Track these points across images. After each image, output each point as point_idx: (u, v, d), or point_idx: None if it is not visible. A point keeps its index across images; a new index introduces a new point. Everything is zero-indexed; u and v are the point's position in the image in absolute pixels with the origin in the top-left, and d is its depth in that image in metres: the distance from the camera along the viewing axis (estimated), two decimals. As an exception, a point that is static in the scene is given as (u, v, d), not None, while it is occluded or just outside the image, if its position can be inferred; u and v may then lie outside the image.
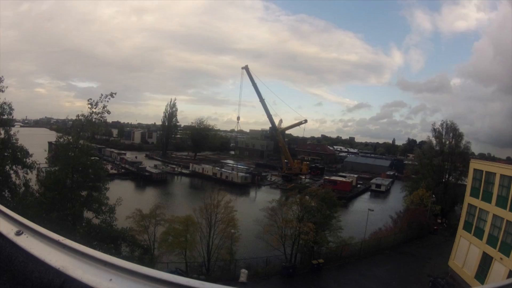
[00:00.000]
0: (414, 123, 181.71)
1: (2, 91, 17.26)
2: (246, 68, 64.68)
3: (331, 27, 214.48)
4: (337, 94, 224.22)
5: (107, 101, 16.31)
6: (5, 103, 17.59)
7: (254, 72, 65.23)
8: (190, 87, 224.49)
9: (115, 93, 16.56)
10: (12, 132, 17.76)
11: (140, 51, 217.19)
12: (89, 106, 16.28)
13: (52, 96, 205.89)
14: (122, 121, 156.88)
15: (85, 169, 17.65)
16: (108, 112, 16.70)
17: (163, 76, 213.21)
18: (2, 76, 17.23)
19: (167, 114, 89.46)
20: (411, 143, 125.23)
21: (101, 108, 16.40)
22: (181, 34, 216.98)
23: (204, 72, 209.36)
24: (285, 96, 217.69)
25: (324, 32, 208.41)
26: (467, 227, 24.70)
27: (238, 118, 70.17)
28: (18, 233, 1.13)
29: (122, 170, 61.27)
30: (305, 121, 69.97)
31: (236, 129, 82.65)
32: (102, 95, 16.33)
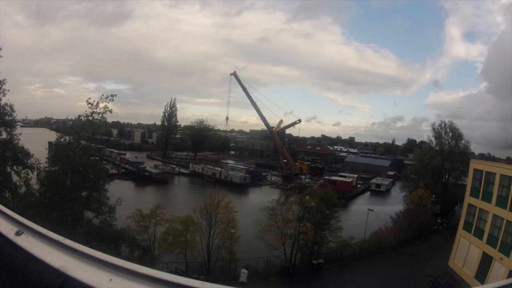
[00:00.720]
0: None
1: (4, 94, 17.45)
2: (234, 74, 68.44)
3: (390, 53, 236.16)
4: (366, 102, 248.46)
5: (108, 102, 16.31)
6: (6, 104, 17.71)
7: (244, 78, 69.77)
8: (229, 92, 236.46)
9: (115, 95, 16.59)
10: (14, 133, 17.88)
11: (200, 57, 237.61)
12: (89, 106, 16.28)
13: (70, 97, 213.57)
14: (122, 121, 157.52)
15: (85, 169, 17.64)
16: (110, 111, 16.70)
17: (210, 82, 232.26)
18: (5, 79, 17.43)
19: (166, 114, 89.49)
20: (411, 143, 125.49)
21: (102, 108, 16.38)
22: (252, 47, 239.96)
23: (249, 79, 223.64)
24: (316, 102, 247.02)
25: (384, 58, 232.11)
26: (467, 227, 24.70)
27: (227, 118, 77.72)
28: (18, 233, 1.13)
29: (122, 170, 61.28)
30: (299, 121, 71.12)
31: (226, 129, 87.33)
32: (103, 95, 16.35)
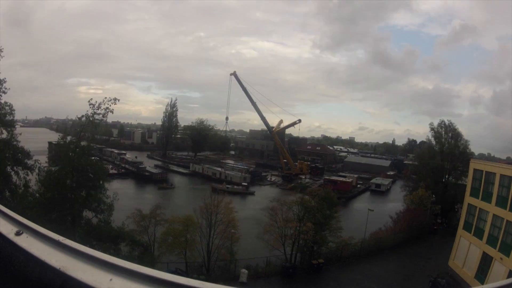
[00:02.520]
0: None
1: (4, 93, 17.54)
2: (234, 74, 68.55)
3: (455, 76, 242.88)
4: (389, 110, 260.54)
5: (110, 105, 16.46)
6: (6, 103, 17.78)
7: (244, 79, 68.95)
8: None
9: (119, 100, 16.84)
10: (14, 133, 17.94)
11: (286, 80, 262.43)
12: (91, 106, 16.43)
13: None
14: (122, 121, 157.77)
15: (85, 169, 17.67)
16: (112, 112, 16.88)
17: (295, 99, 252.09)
18: (5, 78, 17.52)
19: (167, 114, 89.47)
20: (411, 143, 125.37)
21: (104, 110, 16.53)
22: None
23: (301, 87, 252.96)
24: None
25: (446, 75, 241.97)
26: (467, 227, 24.71)
27: (227, 118, 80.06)
28: (18, 233, 1.13)
29: (122, 170, 61.30)
30: (299, 121, 71.34)
31: (225, 129, 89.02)
32: (106, 98, 16.52)
